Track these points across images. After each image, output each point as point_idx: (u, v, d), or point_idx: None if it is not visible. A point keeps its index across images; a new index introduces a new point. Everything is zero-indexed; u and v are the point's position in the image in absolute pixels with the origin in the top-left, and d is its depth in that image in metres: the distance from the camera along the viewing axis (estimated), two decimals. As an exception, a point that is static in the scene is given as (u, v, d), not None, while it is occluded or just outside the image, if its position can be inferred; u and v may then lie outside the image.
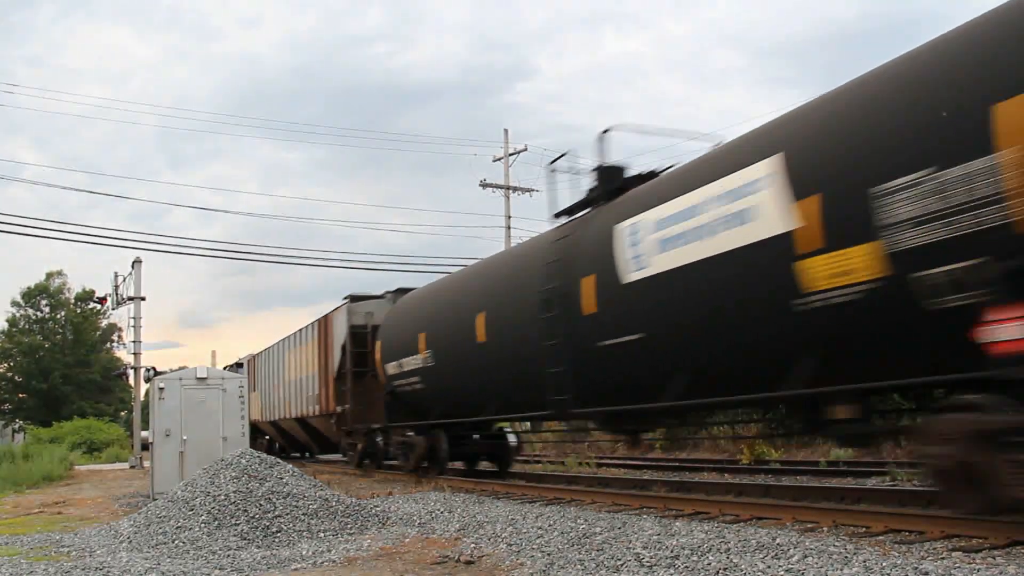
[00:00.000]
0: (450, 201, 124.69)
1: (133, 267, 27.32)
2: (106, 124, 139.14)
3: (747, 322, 7.42)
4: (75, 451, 31.51)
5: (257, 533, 8.18)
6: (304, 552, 7.38)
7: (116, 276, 29.02)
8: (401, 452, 15.50)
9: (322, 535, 8.28)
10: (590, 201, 10.79)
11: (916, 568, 4.90)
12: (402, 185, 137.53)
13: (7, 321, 61.27)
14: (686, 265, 7.88)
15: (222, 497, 8.78)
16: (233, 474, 9.28)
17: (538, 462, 18.13)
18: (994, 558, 5.26)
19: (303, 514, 8.65)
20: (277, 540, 8.07)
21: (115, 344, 64.68)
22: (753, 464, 14.84)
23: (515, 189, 34.07)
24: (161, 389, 13.58)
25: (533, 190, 34.51)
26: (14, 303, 61.82)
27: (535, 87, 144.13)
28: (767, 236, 6.95)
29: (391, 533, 8.37)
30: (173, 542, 8.01)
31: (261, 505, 8.67)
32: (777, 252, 6.85)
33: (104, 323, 63.49)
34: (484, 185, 33.73)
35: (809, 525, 7.01)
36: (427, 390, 14.04)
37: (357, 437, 18.00)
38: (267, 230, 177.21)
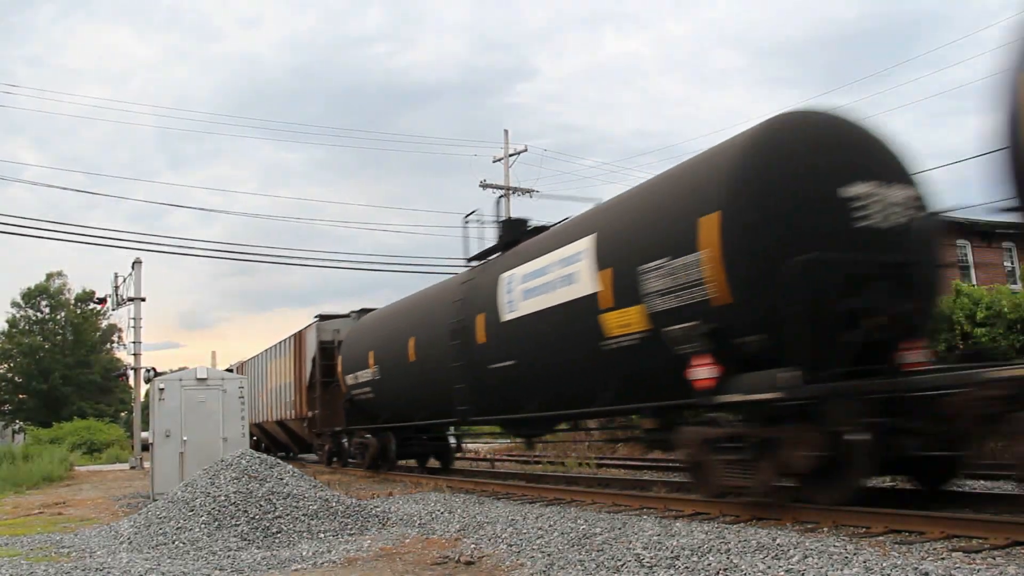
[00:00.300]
0: (450, 201, 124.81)
1: (133, 268, 27.33)
2: (106, 124, 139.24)
3: (575, 356, 9.98)
4: (75, 452, 31.54)
5: (257, 534, 8.18)
6: (304, 553, 7.38)
7: (116, 277, 29.04)
8: (359, 451, 17.97)
9: (322, 536, 8.28)
10: (490, 251, 13.53)
11: (916, 568, 4.90)
12: (402, 185, 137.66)
13: (7, 322, 61.36)
14: (537, 311, 10.59)
15: (222, 498, 8.78)
16: (233, 475, 9.29)
17: (538, 463, 18.13)
18: (994, 558, 5.27)
19: (303, 515, 8.66)
20: (277, 541, 8.07)
21: (115, 345, 64.74)
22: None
23: (515, 190, 34.08)
24: (161, 390, 13.59)
25: (533, 191, 34.52)
26: (14, 304, 61.88)
27: (535, 87, 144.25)
28: (583, 295, 9.58)
29: (391, 533, 8.37)
30: (173, 543, 8.02)
31: (261, 506, 8.67)
32: (589, 307, 9.43)
33: (104, 324, 63.56)
34: (484, 186, 33.72)
35: (809, 525, 7.01)
36: (377, 399, 16.69)
37: (325, 438, 20.21)
38: (267, 230, 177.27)
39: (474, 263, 13.89)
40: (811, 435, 6.98)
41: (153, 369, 26.80)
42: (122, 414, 62.52)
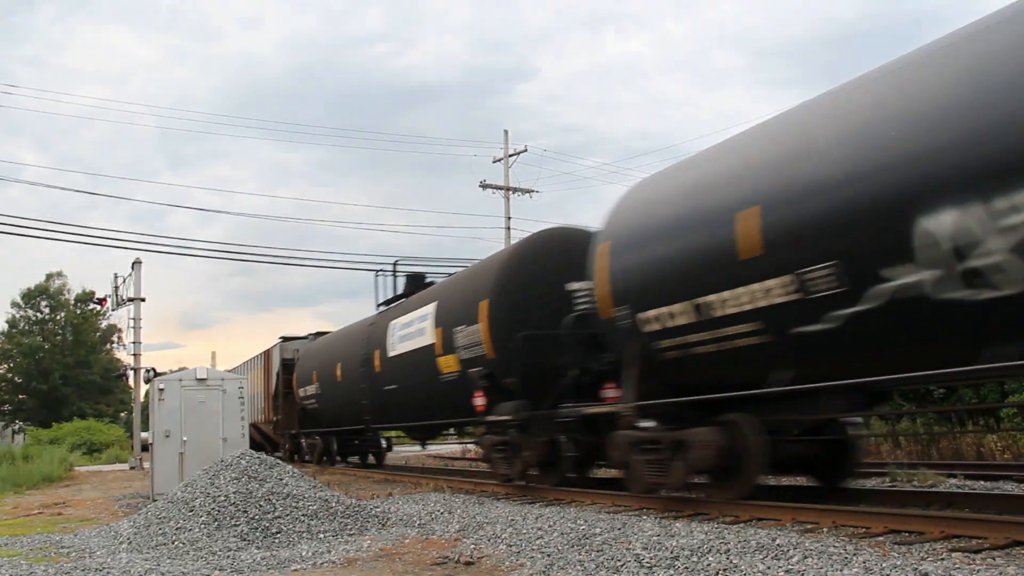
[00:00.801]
0: (451, 202, 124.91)
1: (133, 268, 27.33)
2: (106, 125, 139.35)
3: (426, 384, 14.15)
4: (75, 452, 31.53)
5: (257, 534, 8.18)
6: (304, 553, 7.38)
7: (116, 277, 29.04)
8: (309, 450, 22.68)
9: (322, 536, 8.28)
10: (392, 300, 17.74)
11: (916, 569, 4.90)
12: (402, 186, 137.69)
13: (7, 322, 61.34)
14: (407, 351, 14.90)
15: (222, 498, 8.78)
16: (233, 475, 9.29)
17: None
18: (994, 559, 5.27)
19: (303, 515, 8.65)
20: (277, 541, 8.07)
21: (115, 345, 64.72)
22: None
23: (515, 190, 34.08)
24: (161, 390, 13.59)
25: (533, 191, 34.55)
26: (14, 304, 61.86)
27: (535, 88, 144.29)
28: (428, 344, 13.87)
29: (391, 534, 8.37)
30: (173, 543, 8.02)
31: (261, 506, 8.67)
32: (430, 352, 13.72)
33: (104, 324, 63.54)
34: (484, 186, 33.73)
35: (809, 526, 7.01)
36: (319, 408, 21.28)
37: (286, 439, 24.47)
38: (267, 231, 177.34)
39: (381, 308, 18.13)
40: (532, 440, 11.08)
41: (153, 369, 26.81)
42: (122, 414, 62.51)
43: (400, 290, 17.67)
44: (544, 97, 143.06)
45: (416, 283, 17.38)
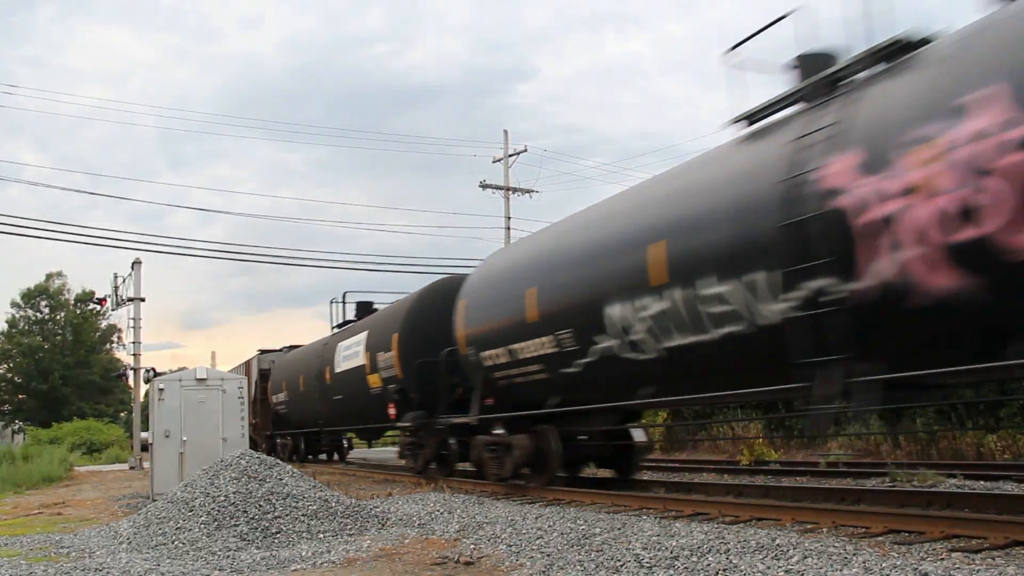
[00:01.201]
0: (451, 202, 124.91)
1: (133, 268, 27.33)
2: (106, 125, 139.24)
3: (361, 396, 17.48)
4: (75, 452, 31.54)
5: (256, 534, 8.17)
6: (303, 553, 7.38)
7: (116, 277, 29.04)
8: (282, 448, 26.06)
9: (321, 536, 8.28)
10: (344, 323, 21.20)
11: (916, 569, 4.90)
12: (403, 186, 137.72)
13: (7, 322, 61.26)
14: (347, 369, 18.23)
15: (222, 498, 8.77)
16: (233, 475, 9.28)
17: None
18: (993, 559, 5.27)
19: (302, 515, 8.65)
20: (276, 541, 8.07)
21: (115, 345, 64.67)
22: (753, 465, 14.85)
23: (515, 190, 34.08)
24: (161, 390, 13.58)
25: (533, 191, 34.54)
26: (14, 304, 61.80)
27: (536, 88, 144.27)
28: (360, 364, 17.21)
29: (391, 534, 8.37)
30: (173, 543, 8.01)
31: (261, 506, 8.67)
32: (362, 371, 17.07)
33: (104, 324, 63.50)
34: (484, 186, 33.73)
35: (809, 526, 7.02)
36: (288, 413, 24.64)
37: (263, 439, 27.11)
38: (267, 231, 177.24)
39: (335, 329, 21.44)
40: (428, 441, 14.57)
41: (153, 369, 26.82)
42: (122, 414, 62.48)
43: (353, 313, 21.54)
44: (544, 97, 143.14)
45: (364, 310, 21.04)
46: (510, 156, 34.06)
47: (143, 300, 27.40)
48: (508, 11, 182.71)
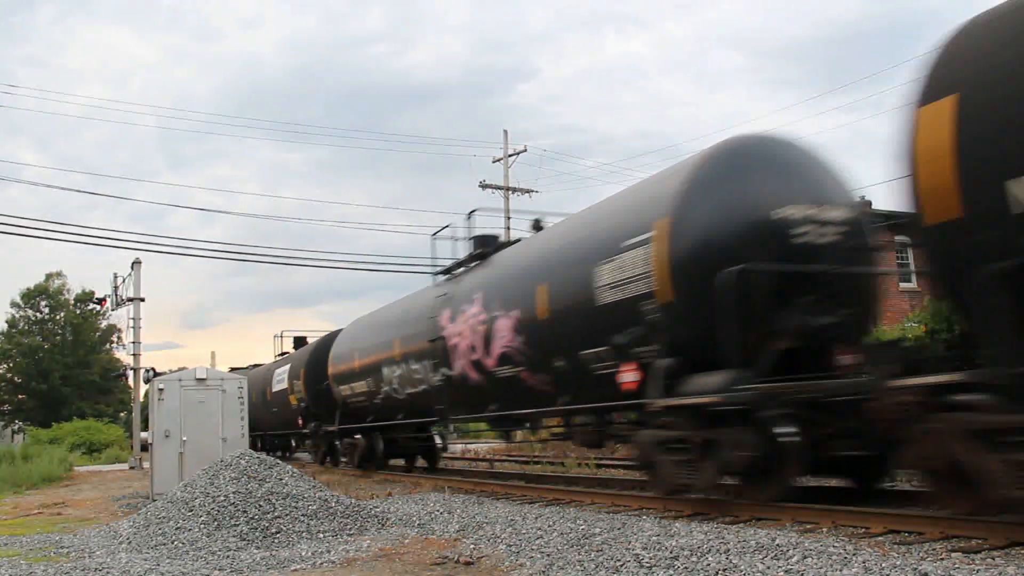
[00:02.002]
0: (451, 202, 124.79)
1: (132, 268, 27.32)
2: (106, 125, 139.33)
3: (287, 411, 23.76)
4: (75, 452, 31.52)
5: (256, 534, 8.17)
6: (303, 553, 7.38)
7: (115, 277, 29.04)
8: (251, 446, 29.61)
9: (321, 536, 8.27)
10: (282, 354, 27.30)
11: (915, 569, 4.90)
12: (403, 186, 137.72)
13: (6, 322, 61.21)
14: (278, 390, 24.43)
15: (221, 498, 8.77)
16: (232, 475, 9.28)
17: (537, 463, 18.14)
18: (993, 559, 5.26)
19: (302, 515, 8.65)
20: (276, 541, 8.07)
21: (114, 345, 64.65)
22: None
23: (514, 190, 34.09)
24: (160, 390, 13.58)
25: (532, 191, 34.56)
26: (13, 304, 61.75)
27: (536, 88, 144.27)
28: (285, 387, 23.59)
29: (390, 534, 8.37)
30: (172, 543, 8.01)
31: (260, 506, 8.67)
32: (286, 393, 23.60)
33: (104, 324, 63.48)
34: (484, 186, 33.76)
35: (808, 526, 7.01)
36: (252, 418, 26.98)
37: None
38: (268, 231, 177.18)
39: (276, 358, 27.30)
40: (322, 442, 21.66)
41: (152, 369, 26.81)
42: (121, 414, 62.44)
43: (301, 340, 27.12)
44: (544, 97, 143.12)
45: (298, 343, 26.92)
46: (510, 156, 34.08)
47: (143, 300, 27.40)
48: (508, 11, 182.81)
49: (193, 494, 8.99)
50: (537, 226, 13.43)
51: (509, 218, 33.70)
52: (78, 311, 62.62)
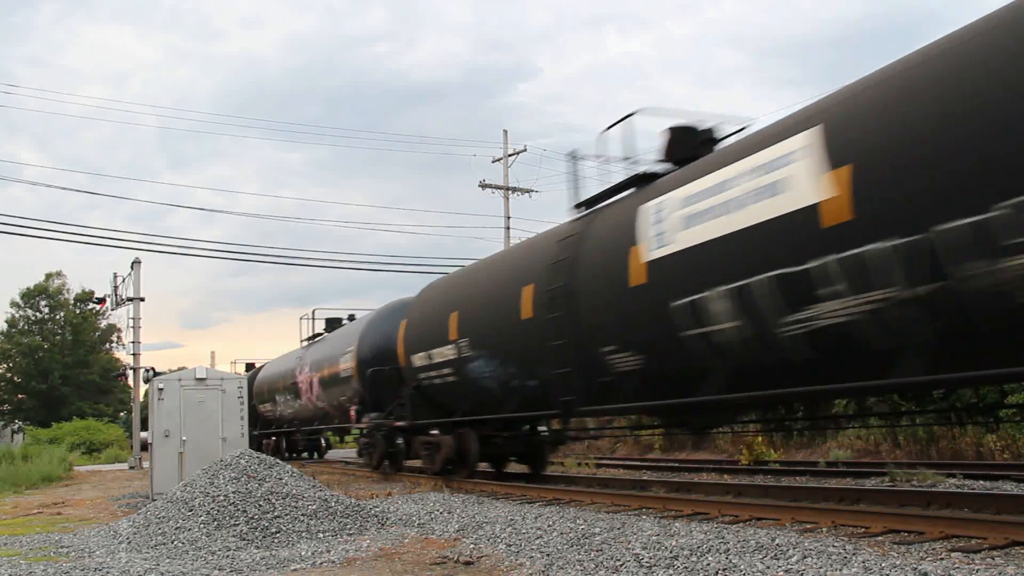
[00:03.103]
0: (452, 201, 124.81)
1: (132, 268, 27.30)
2: (106, 125, 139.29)
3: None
4: (74, 452, 31.48)
5: (256, 534, 8.17)
6: (303, 553, 7.38)
7: (115, 277, 29.01)
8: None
9: (321, 535, 8.27)
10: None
11: (915, 568, 4.90)
12: (404, 186, 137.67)
13: (6, 322, 61.09)
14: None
15: (221, 498, 8.77)
16: (232, 475, 9.28)
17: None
18: (993, 559, 5.26)
19: (302, 515, 8.65)
20: (276, 541, 8.07)
21: (114, 345, 64.59)
22: (752, 465, 14.84)
23: (514, 190, 34.08)
24: (160, 390, 13.57)
25: (532, 191, 34.51)
26: (13, 304, 61.60)
27: (537, 87, 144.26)
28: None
29: (390, 534, 8.37)
30: (172, 543, 8.01)
31: (260, 506, 8.67)
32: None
33: (103, 324, 63.42)
34: (483, 186, 33.74)
35: (808, 525, 7.01)
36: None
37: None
38: (268, 231, 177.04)
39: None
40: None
41: (152, 369, 26.77)
42: (121, 414, 62.37)
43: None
44: (545, 97, 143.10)
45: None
46: (509, 156, 34.07)
47: (143, 300, 27.37)
48: (509, 10, 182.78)
49: (193, 494, 8.99)
50: None
51: (509, 218, 33.71)
52: (78, 311, 62.58)
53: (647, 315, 8.22)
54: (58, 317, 62.41)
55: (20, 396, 59.92)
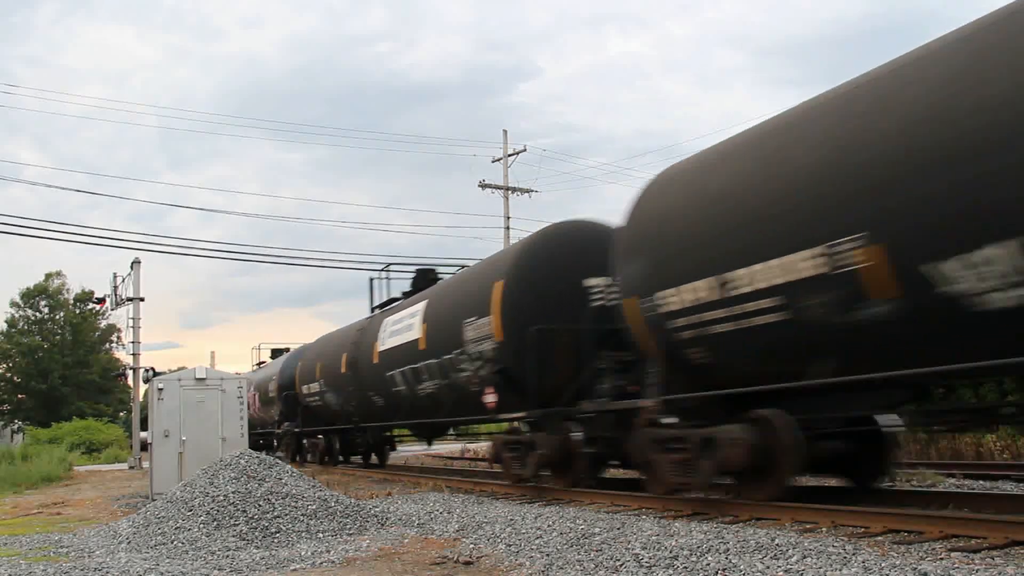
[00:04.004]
0: (452, 201, 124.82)
1: (132, 268, 27.31)
2: (106, 124, 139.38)
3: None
4: (74, 452, 31.47)
5: (256, 534, 8.17)
6: (303, 553, 7.38)
7: (115, 277, 29.02)
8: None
9: (321, 535, 8.27)
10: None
11: (915, 568, 4.90)
12: (404, 185, 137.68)
13: (6, 322, 61.13)
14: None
15: (221, 498, 8.77)
16: (232, 475, 9.28)
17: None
18: (992, 559, 5.26)
19: (302, 515, 8.65)
20: (276, 541, 8.07)
21: (114, 345, 64.61)
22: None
23: (514, 190, 34.10)
24: (160, 390, 13.58)
25: (532, 191, 34.54)
26: (13, 304, 61.65)
27: (537, 87, 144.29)
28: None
29: (390, 534, 8.37)
30: (172, 543, 8.01)
31: (260, 506, 8.67)
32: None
33: (103, 324, 63.43)
34: (483, 186, 33.76)
35: (808, 525, 7.01)
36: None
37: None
38: (268, 231, 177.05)
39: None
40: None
41: (152, 369, 26.78)
42: (121, 414, 62.36)
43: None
44: (545, 96, 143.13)
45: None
46: (509, 156, 34.08)
47: (142, 300, 27.38)
48: (510, 10, 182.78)
49: (192, 494, 8.99)
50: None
51: (508, 218, 33.72)
52: (78, 311, 62.59)
53: (381, 377, 15.98)
54: (58, 317, 62.42)
55: (20, 396, 59.93)
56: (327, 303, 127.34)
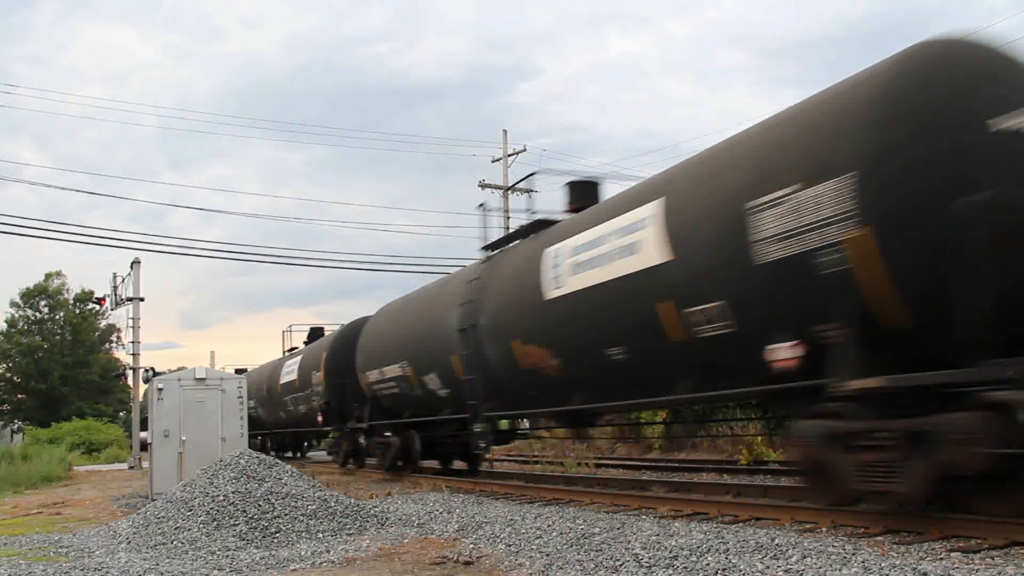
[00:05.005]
0: (452, 201, 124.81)
1: (132, 268, 27.30)
2: (107, 124, 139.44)
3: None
4: (74, 452, 31.49)
5: (256, 534, 8.17)
6: (303, 552, 7.38)
7: (115, 277, 29.01)
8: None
9: (321, 535, 8.27)
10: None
11: (915, 568, 4.90)
12: (404, 185, 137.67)
13: (6, 322, 61.11)
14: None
15: (221, 498, 8.77)
16: (232, 475, 9.28)
17: (536, 463, 18.13)
18: (992, 559, 5.26)
19: (302, 515, 8.65)
20: (276, 541, 8.07)
21: (114, 345, 64.59)
22: (752, 465, 14.84)
23: (514, 189, 34.07)
24: (160, 390, 13.57)
25: (532, 190, 34.51)
26: (13, 304, 61.63)
27: (537, 87, 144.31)
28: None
29: (390, 533, 8.37)
30: (172, 543, 8.01)
31: (260, 506, 8.67)
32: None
33: (103, 324, 63.41)
34: (483, 186, 33.75)
35: (808, 525, 7.01)
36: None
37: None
38: (268, 230, 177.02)
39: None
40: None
41: (152, 369, 26.77)
42: (121, 414, 62.34)
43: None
44: (546, 96, 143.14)
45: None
46: (509, 156, 34.09)
47: (142, 300, 27.37)
48: (510, 10, 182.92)
49: (192, 494, 8.99)
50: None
51: (508, 217, 33.71)
52: (78, 311, 62.57)
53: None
54: (58, 317, 62.41)
55: (20, 396, 59.92)
56: (327, 303, 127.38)
